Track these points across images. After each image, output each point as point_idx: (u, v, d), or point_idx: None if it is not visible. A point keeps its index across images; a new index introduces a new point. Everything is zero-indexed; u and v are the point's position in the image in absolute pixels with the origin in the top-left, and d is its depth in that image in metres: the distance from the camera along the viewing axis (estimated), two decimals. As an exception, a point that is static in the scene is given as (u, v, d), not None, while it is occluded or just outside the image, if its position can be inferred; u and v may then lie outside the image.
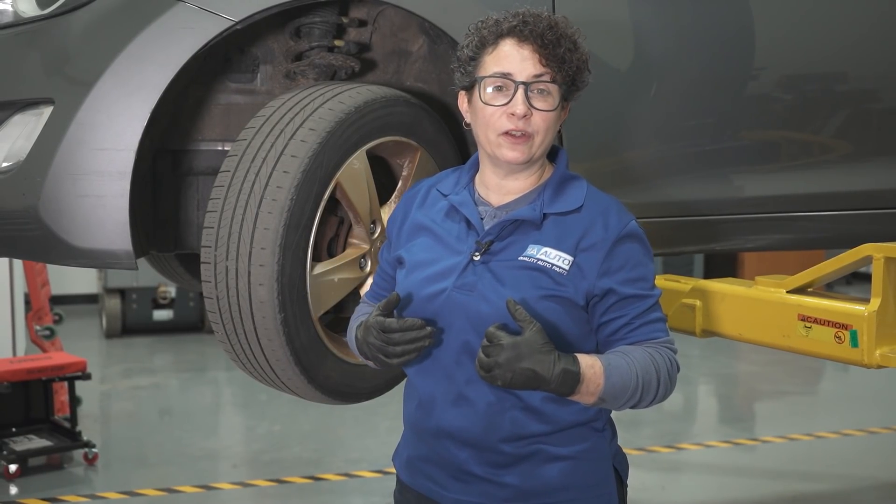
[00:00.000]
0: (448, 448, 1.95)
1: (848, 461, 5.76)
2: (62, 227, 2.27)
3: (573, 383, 1.76)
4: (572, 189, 1.95)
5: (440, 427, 1.95)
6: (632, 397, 1.83)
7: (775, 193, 2.89)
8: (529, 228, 1.91)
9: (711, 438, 6.18)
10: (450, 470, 1.96)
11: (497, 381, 1.74)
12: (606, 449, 1.98)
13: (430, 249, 1.96)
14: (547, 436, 1.91)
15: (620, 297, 1.87)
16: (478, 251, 1.91)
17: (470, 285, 1.89)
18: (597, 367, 1.79)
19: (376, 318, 1.87)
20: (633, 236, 1.90)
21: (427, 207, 2.02)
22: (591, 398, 1.80)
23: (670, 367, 1.88)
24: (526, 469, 1.92)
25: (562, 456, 1.93)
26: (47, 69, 2.34)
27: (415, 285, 1.94)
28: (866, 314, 2.44)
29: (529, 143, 1.88)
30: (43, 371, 5.61)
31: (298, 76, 2.56)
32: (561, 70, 1.87)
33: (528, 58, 1.87)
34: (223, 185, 2.25)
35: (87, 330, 9.41)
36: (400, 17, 2.62)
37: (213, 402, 7.42)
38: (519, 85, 1.86)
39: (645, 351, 1.86)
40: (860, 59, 2.95)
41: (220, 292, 2.24)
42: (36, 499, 5.07)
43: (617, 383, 1.80)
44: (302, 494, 5.23)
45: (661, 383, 1.86)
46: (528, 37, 1.87)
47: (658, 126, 2.74)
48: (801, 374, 7.85)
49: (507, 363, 1.73)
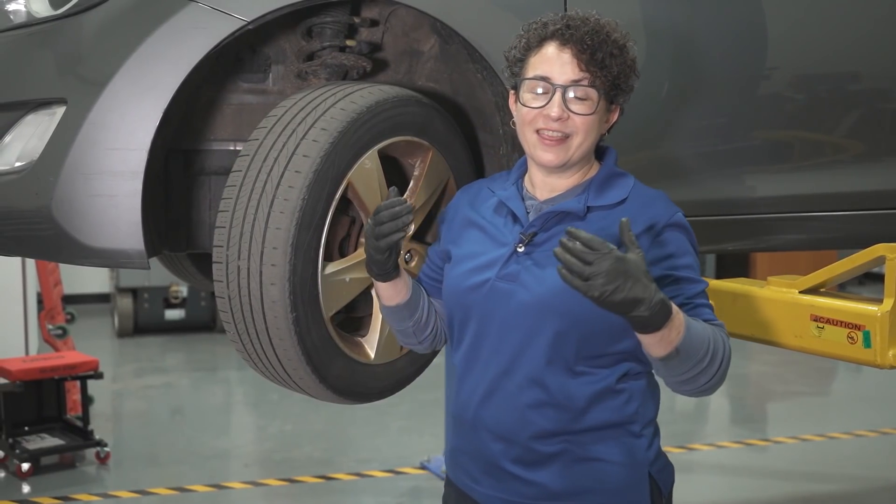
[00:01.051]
0: (483, 440, 1.97)
1: (860, 462, 5.75)
2: (75, 226, 2.28)
3: (665, 316, 1.68)
4: (619, 184, 1.97)
5: (477, 418, 1.97)
6: (700, 361, 1.76)
7: (788, 193, 2.88)
8: (574, 220, 1.92)
9: (723, 439, 6.17)
10: (482, 464, 1.98)
11: (594, 290, 1.63)
12: (642, 455, 1.95)
13: (476, 243, 2.01)
14: (579, 434, 1.91)
15: (674, 279, 1.86)
16: (521, 242, 1.94)
17: (512, 275, 1.92)
18: (680, 316, 1.73)
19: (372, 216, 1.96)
20: (680, 226, 1.91)
21: (478, 204, 2.07)
22: (666, 347, 1.72)
23: (727, 353, 1.83)
24: (555, 469, 1.92)
25: (593, 457, 1.91)
26: (60, 69, 2.35)
27: (460, 277, 1.99)
28: (879, 315, 2.43)
29: (566, 145, 1.91)
30: (55, 370, 5.63)
31: (310, 76, 2.56)
32: (601, 74, 1.89)
33: (568, 62, 1.89)
34: (235, 185, 2.25)
35: (100, 329, 9.44)
36: (412, 17, 2.62)
37: (225, 401, 7.43)
38: (557, 88, 1.89)
39: (710, 328, 1.82)
40: (873, 59, 2.94)
41: (231, 292, 2.25)
42: (48, 497, 5.09)
43: (694, 338, 1.74)
44: (313, 494, 5.23)
45: (723, 360, 1.80)
46: (569, 40, 1.89)
47: (669, 126, 2.74)
48: (814, 375, 7.83)
49: (611, 273, 1.62)
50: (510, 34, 2.05)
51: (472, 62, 2.57)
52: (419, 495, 5.21)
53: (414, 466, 5.57)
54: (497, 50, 2.41)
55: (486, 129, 2.68)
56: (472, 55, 2.52)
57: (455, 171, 2.54)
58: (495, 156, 2.67)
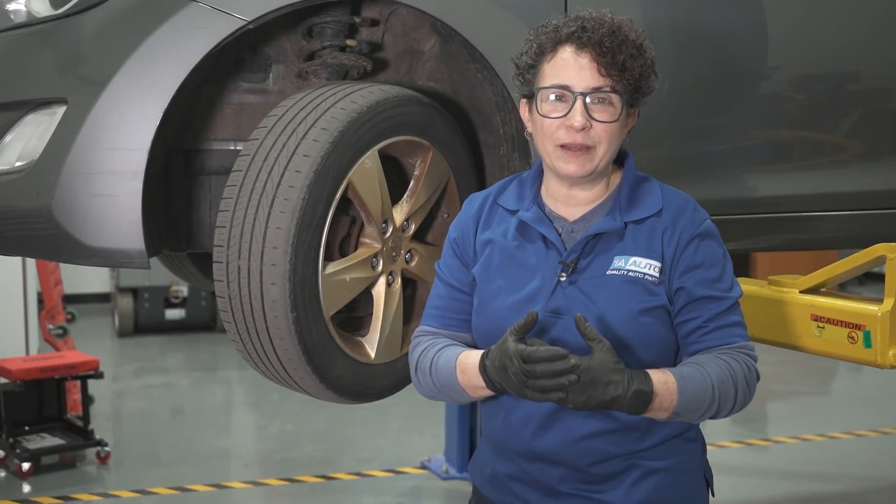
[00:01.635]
0: (540, 469, 1.89)
1: (861, 462, 5.74)
2: (75, 226, 2.28)
3: (646, 402, 1.70)
4: (647, 192, 1.88)
5: (532, 450, 1.88)
6: (708, 409, 1.76)
7: (788, 193, 2.88)
8: (612, 240, 1.83)
9: (724, 439, 6.16)
10: (541, 489, 1.90)
11: (569, 404, 1.67)
12: (698, 459, 1.94)
13: (508, 272, 1.88)
14: (641, 452, 1.86)
15: (694, 298, 1.81)
16: (563, 271, 1.83)
17: (562, 310, 1.81)
18: (670, 382, 1.72)
19: (516, 346, 1.69)
20: (707, 234, 1.84)
21: (495, 224, 1.93)
22: (664, 413, 1.74)
23: (748, 373, 1.80)
24: (621, 485, 1.86)
25: (657, 469, 1.87)
26: (60, 69, 2.35)
27: (500, 314, 1.85)
28: (879, 314, 2.43)
29: (590, 155, 1.81)
30: (56, 370, 5.63)
31: (310, 76, 2.56)
32: (622, 78, 1.79)
33: (587, 67, 1.78)
34: (235, 185, 2.25)
35: (100, 329, 9.44)
36: (412, 17, 2.62)
37: (225, 401, 7.43)
38: (577, 96, 1.78)
39: (720, 360, 1.78)
40: (873, 58, 2.94)
41: (232, 291, 2.25)
42: (49, 497, 5.09)
43: (692, 397, 1.73)
44: (313, 494, 5.23)
45: (738, 392, 1.78)
46: (586, 44, 1.78)
47: (669, 126, 2.74)
48: (814, 375, 7.82)
49: (580, 386, 1.65)
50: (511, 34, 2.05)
51: (472, 62, 2.57)
52: (419, 495, 5.21)
53: (414, 466, 5.57)
54: (497, 50, 2.41)
55: (487, 128, 2.67)
56: (472, 55, 2.52)
57: (455, 171, 2.54)
58: (496, 155, 2.67)
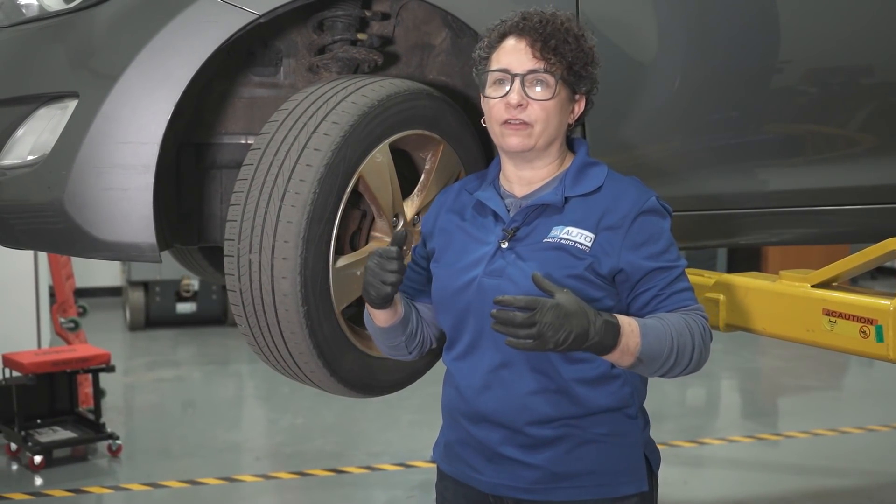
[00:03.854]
0: (484, 430, 2.01)
1: (872, 457, 5.73)
2: (87, 220, 2.28)
3: (615, 334, 1.79)
4: (592, 173, 2.02)
5: (476, 410, 2.01)
6: (667, 359, 1.86)
7: (800, 187, 2.87)
8: (553, 212, 1.98)
9: (734, 433, 6.15)
10: (485, 453, 2.03)
11: (548, 343, 1.74)
12: (638, 436, 2.03)
13: (460, 244, 2.06)
14: (578, 419, 1.97)
15: (647, 271, 1.93)
16: (505, 238, 1.99)
17: (498, 270, 1.96)
18: (633, 325, 1.83)
19: (381, 247, 1.97)
20: (653, 211, 1.96)
21: (458, 207, 2.12)
22: (629, 358, 1.83)
23: (703, 332, 1.92)
24: (556, 452, 1.97)
25: (592, 440, 1.98)
26: (72, 63, 2.35)
27: (447, 278, 2.04)
28: (892, 309, 2.42)
29: (528, 131, 1.96)
30: (67, 363, 5.64)
31: (321, 70, 2.56)
32: (556, 61, 1.95)
33: (524, 51, 1.97)
34: (246, 179, 2.25)
35: (111, 322, 9.47)
36: (423, 11, 2.62)
37: (236, 394, 7.45)
38: (515, 77, 1.96)
39: (678, 315, 1.91)
40: (886, 52, 2.92)
41: (243, 285, 2.25)
42: (60, 490, 5.11)
43: (653, 343, 1.83)
44: (324, 487, 5.24)
45: (695, 348, 1.89)
46: (523, 31, 1.97)
47: (681, 120, 2.73)
48: (826, 369, 7.81)
49: (555, 322, 1.73)
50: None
51: (483, 56, 2.56)
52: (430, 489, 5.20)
53: (425, 460, 5.57)
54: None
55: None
56: (483, 49, 2.52)
57: (466, 165, 2.54)
58: (506, 149, 2.67)
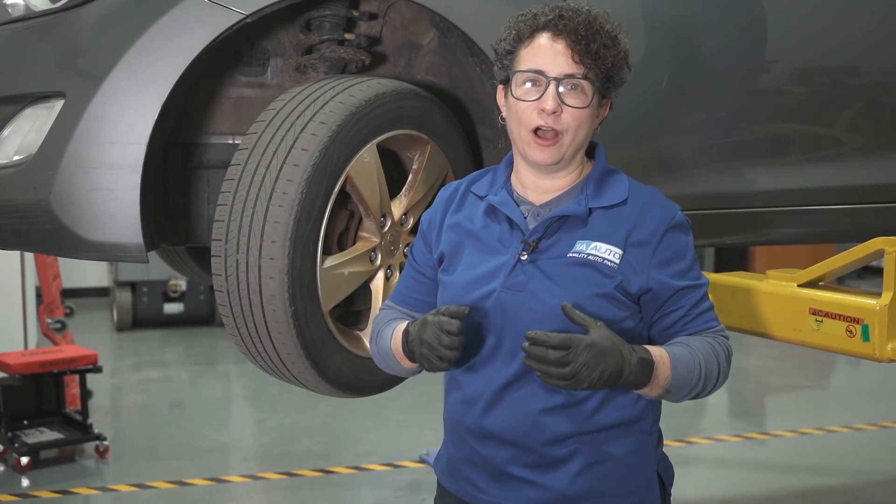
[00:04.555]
0: (490, 448, 1.90)
1: (859, 455, 5.75)
2: (73, 220, 2.28)
3: (648, 372, 1.75)
4: (614, 182, 1.92)
5: (483, 427, 1.90)
6: (695, 387, 1.83)
7: (787, 187, 2.88)
8: (576, 224, 1.87)
9: (722, 432, 6.17)
10: (490, 472, 1.92)
11: (583, 383, 1.70)
12: (651, 453, 1.93)
13: (472, 252, 1.92)
14: (589, 435, 1.87)
15: (675, 290, 1.86)
16: (525, 250, 1.87)
17: (520, 285, 1.85)
18: (664, 357, 1.79)
19: (437, 318, 1.79)
20: (680, 226, 1.89)
21: (465, 209, 1.97)
22: (659, 389, 1.79)
23: (728, 357, 1.88)
24: (567, 472, 1.87)
25: (605, 458, 1.88)
26: (58, 63, 2.35)
27: (461, 289, 1.90)
28: (878, 308, 2.43)
29: (558, 143, 1.85)
30: (54, 364, 5.62)
31: (309, 70, 2.56)
32: (595, 67, 1.83)
33: (562, 53, 1.83)
34: (234, 179, 2.25)
35: (98, 323, 9.44)
36: (410, 11, 2.62)
37: (224, 395, 7.43)
38: (551, 81, 1.82)
39: (705, 341, 1.86)
40: (872, 53, 2.94)
41: (230, 286, 2.25)
42: (47, 491, 5.09)
43: (682, 373, 1.80)
44: (312, 487, 5.24)
45: (720, 374, 1.86)
46: (562, 31, 1.83)
47: (669, 120, 2.74)
48: (812, 368, 7.83)
49: (590, 362, 1.69)
50: (509, 27, 2.04)
51: (470, 56, 2.57)
52: (418, 489, 5.21)
53: (413, 460, 5.57)
54: (496, 43, 2.41)
55: (485, 122, 2.67)
56: (470, 49, 2.52)
57: (454, 165, 2.54)
58: (494, 149, 2.67)
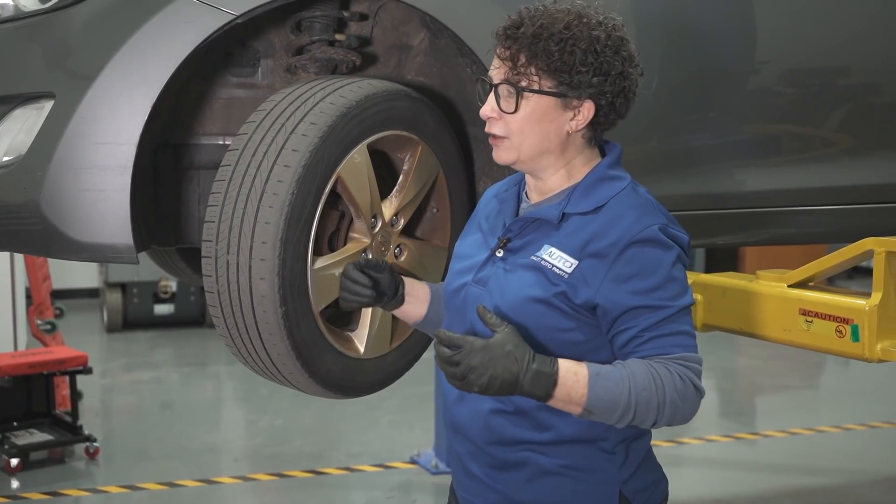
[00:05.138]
0: (458, 441, 1.98)
1: (849, 455, 5.77)
2: (63, 221, 2.27)
3: (548, 386, 1.67)
4: (602, 189, 1.85)
5: (452, 420, 1.98)
6: (625, 413, 1.70)
7: (777, 188, 2.89)
8: (549, 228, 1.85)
9: (712, 433, 6.18)
10: (459, 465, 1.99)
11: (472, 386, 1.67)
12: (613, 473, 1.85)
13: (473, 243, 2.00)
14: (541, 445, 1.85)
15: (627, 309, 1.75)
16: (499, 247, 1.91)
17: (484, 280, 1.90)
18: (581, 374, 1.69)
19: (353, 263, 2.05)
20: (649, 241, 1.76)
21: (498, 199, 2.01)
22: (575, 408, 1.70)
23: (680, 385, 1.71)
24: (516, 478, 1.87)
25: (555, 471, 1.85)
26: (48, 63, 2.34)
27: (450, 277, 2.01)
28: (867, 308, 2.44)
29: (506, 144, 1.85)
30: (44, 365, 5.61)
31: (299, 70, 2.56)
32: (531, 71, 1.80)
33: (504, 58, 1.83)
34: (224, 180, 2.24)
35: (89, 324, 9.42)
36: (401, 12, 2.61)
37: (215, 396, 7.42)
38: (491, 88, 1.85)
39: (648, 366, 1.72)
40: (862, 53, 2.94)
41: (220, 286, 2.24)
42: (37, 493, 5.08)
43: (602, 396, 1.68)
44: (303, 488, 5.23)
45: (665, 403, 1.70)
46: (504, 38, 1.83)
47: (658, 121, 2.74)
48: (803, 369, 7.85)
49: (480, 366, 1.66)
50: (499, 28, 2.04)
51: (461, 56, 2.57)
52: (409, 489, 5.21)
53: (404, 461, 5.57)
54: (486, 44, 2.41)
55: (476, 123, 2.67)
56: (461, 49, 2.52)
57: (444, 166, 2.54)
58: (485, 150, 2.67)
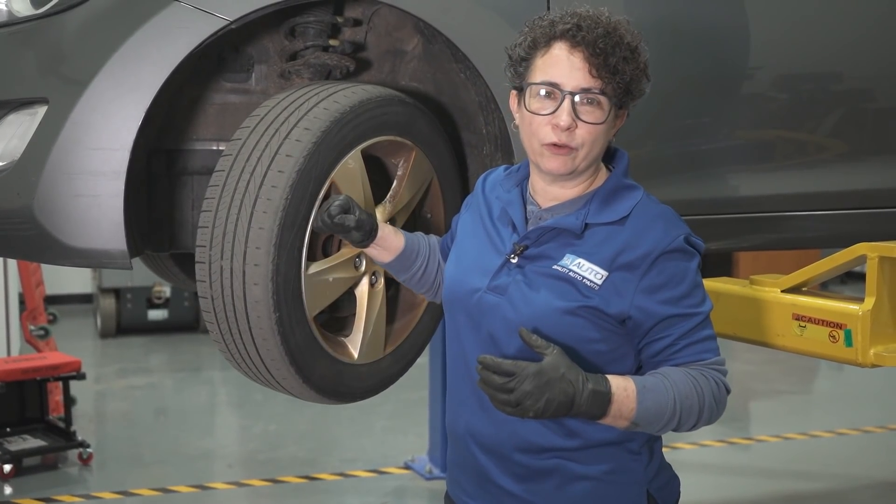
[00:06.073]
0: (474, 453, 1.90)
1: (843, 460, 5.77)
2: (57, 226, 2.27)
3: (604, 404, 1.68)
4: (623, 199, 1.85)
5: (467, 429, 1.91)
6: (669, 422, 1.74)
7: (770, 192, 2.89)
8: (570, 237, 1.82)
9: (706, 438, 6.18)
10: (475, 476, 1.92)
11: (528, 412, 1.65)
12: (641, 473, 1.88)
13: (478, 243, 1.94)
14: (571, 451, 1.84)
15: (661, 318, 1.77)
16: (514, 253, 1.86)
17: (501, 288, 1.84)
18: (630, 389, 1.71)
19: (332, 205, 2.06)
20: (679, 251, 1.79)
21: (493, 197, 1.98)
22: (623, 422, 1.72)
23: (717, 390, 1.79)
24: (546, 486, 1.85)
25: (586, 476, 1.84)
26: (42, 69, 2.34)
27: (456, 277, 1.94)
28: (860, 313, 2.44)
29: (572, 155, 1.80)
30: (38, 371, 5.60)
31: (293, 75, 2.56)
32: (613, 81, 1.78)
33: (579, 67, 1.77)
34: (218, 185, 2.24)
35: (82, 330, 9.40)
36: (395, 17, 2.62)
37: (209, 401, 7.41)
38: (566, 95, 1.77)
39: (687, 374, 1.77)
40: (855, 59, 2.95)
41: (214, 292, 2.24)
42: (31, 499, 5.07)
43: (651, 408, 1.71)
44: (297, 494, 5.22)
45: (704, 408, 1.77)
46: (580, 43, 1.76)
47: (652, 126, 2.74)
48: (796, 374, 7.86)
49: (535, 391, 1.64)
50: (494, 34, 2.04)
51: (455, 62, 2.57)
52: (403, 495, 5.21)
53: (398, 466, 5.56)
54: (480, 50, 2.41)
55: (470, 128, 2.68)
56: (455, 55, 2.52)
57: (438, 171, 2.54)
58: (479, 155, 2.67)
